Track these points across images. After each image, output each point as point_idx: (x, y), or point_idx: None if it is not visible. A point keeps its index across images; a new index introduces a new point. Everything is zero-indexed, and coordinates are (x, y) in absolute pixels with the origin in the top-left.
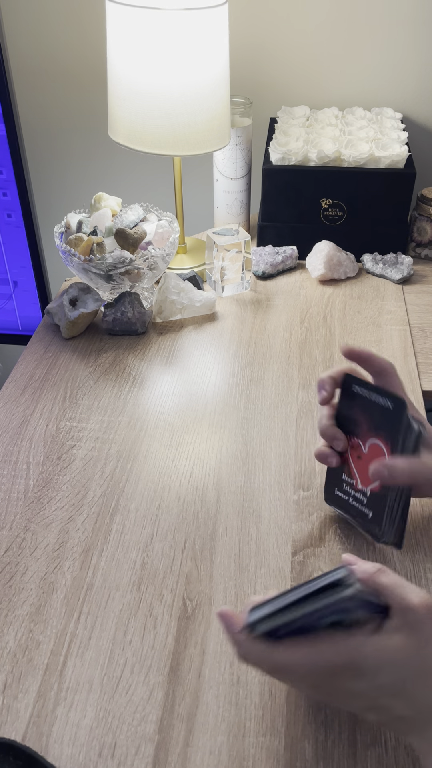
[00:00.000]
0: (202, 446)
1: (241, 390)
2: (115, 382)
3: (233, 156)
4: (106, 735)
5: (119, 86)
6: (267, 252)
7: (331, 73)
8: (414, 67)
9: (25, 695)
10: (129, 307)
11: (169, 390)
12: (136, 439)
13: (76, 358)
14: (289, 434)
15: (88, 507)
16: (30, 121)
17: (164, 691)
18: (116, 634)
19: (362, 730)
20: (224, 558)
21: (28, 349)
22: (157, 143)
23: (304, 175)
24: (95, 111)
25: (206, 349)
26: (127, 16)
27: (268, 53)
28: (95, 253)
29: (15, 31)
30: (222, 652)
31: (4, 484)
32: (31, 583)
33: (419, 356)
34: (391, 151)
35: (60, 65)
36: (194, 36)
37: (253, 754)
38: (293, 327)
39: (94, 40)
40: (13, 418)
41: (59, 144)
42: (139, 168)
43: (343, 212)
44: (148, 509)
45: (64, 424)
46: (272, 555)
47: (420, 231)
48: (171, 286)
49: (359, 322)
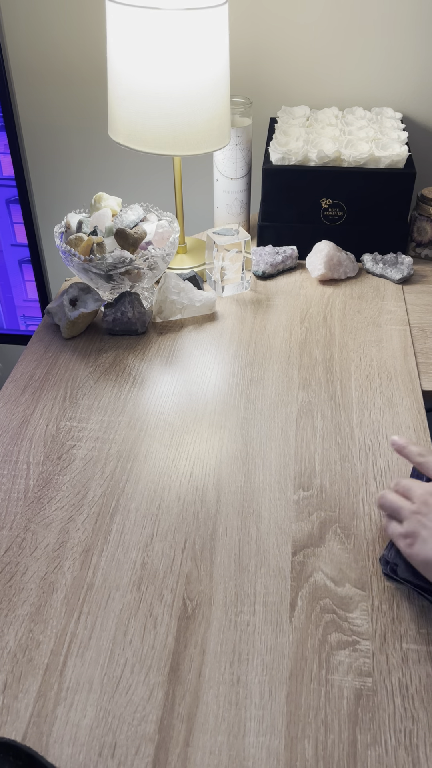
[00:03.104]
0: (202, 446)
1: (241, 390)
2: (115, 382)
3: (233, 156)
4: (106, 735)
5: (119, 86)
6: (267, 252)
7: (331, 73)
8: (414, 67)
9: (25, 695)
10: (129, 307)
11: (169, 390)
12: (136, 439)
13: (76, 358)
14: (289, 434)
15: (88, 507)
16: (30, 121)
17: (164, 691)
18: (116, 634)
19: (362, 730)
20: (224, 558)
21: (28, 349)
22: (157, 143)
23: (304, 175)
24: (95, 111)
25: (206, 349)
26: (127, 16)
27: (268, 53)
28: (95, 253)
29: (15, 31)
30: (222, 652)
31: (4, 484)
32: (31, 583)
33: (419, 356)
34: (391, 151)
35: (60, 65)
36: (194, 36)
37: (253, 754)
38: (293, 327)
39: (94, 40)
40: (13, 418)
41: (59, 144)
42: (139, 168)
43: (343, 212)
44: (148, 509)
45: (64, 424)
46: (272, 555)
47: (420, 231)
48: (171, 286)
49: (359, 322)
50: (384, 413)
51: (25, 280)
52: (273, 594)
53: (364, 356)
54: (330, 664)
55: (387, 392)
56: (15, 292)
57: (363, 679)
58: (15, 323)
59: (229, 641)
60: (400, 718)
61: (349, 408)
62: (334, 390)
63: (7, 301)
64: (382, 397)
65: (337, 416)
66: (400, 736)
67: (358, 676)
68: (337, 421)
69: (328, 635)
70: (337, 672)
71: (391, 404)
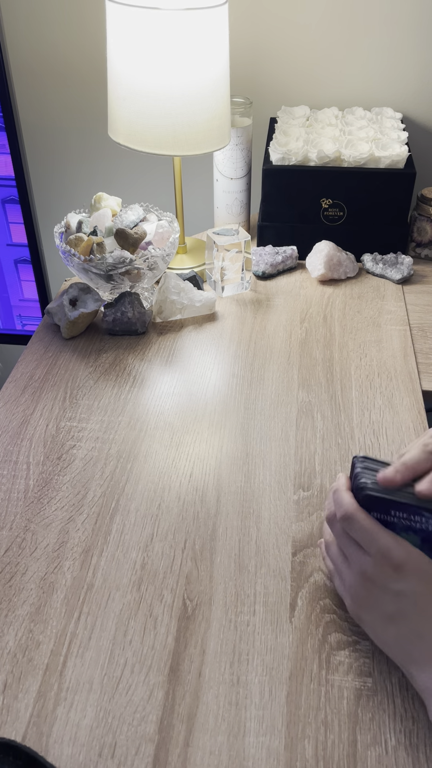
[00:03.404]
0: (202, 446)
1: (241, 390)
2: (115, 382)
3: (233, 156)
4: (106, 735)
5: (119, 86)
6: (267, 252)
7: (331, 73)
8: (414, 67)
9: (25, 695)
10: (129, 307)
11: (169, 390)
12: (136, 439)
13: (76, 358)
14: (289, 434)
15: (88, 507)
16: (30, 121)
17: (164, 691)
18: (116, 634)
19: (362, 730)
20: (224, 558)
21: (28, 349)
22: (157, 143)
23: (304, 175)
24: (95, 111)
25: (206, 349)
26: (127, 16)
27: (268, 53)
28: (95, 253)
29: (15, 31)
30: (222, 652)
31: (4, 484)
32: (31, 583)
33: (419, 356)
34: (391, 151)
35: (60, 65)
36: (194, 36)
37: (253, 754)
38: (293, 327)
39: (94, 40)
40: (13, 418)
41: (59, 144)
42: (139, 168)
43: (343, 212)
44: (148, 509)
45: (64, 424)
46: (272, 555)
47: (420, 231)
48: (171, 286)
49: (359, 322)
50: (384, 413)
51: (21, 279)
52: (273, 594)
53: (364, 356)
54: (330, 664)
55: (387, 392)
56: (11, 291)
57: (363, 679)
58: (11, 323)
59: (229, 641)
60: (400, 718)
61: (349, 408)
62: (334, 390)
63: (3, 301)
64: (382, 397)
65: (337, 416)
66: (400, 736)
67: (358, 676)
68: (337, 421)
69: (328, 635)
70: (337, 672)
71: (391, 404)
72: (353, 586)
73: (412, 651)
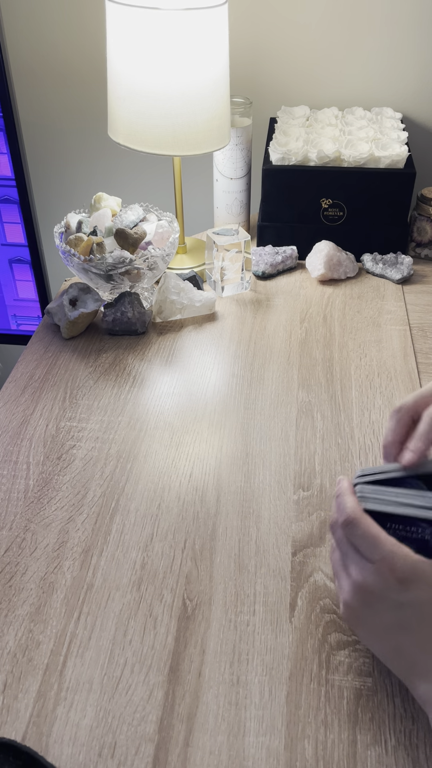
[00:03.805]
0: (202, 446)
1: (241, 390)
2: (115, 382)
3: (233, 156)
4: (106, 735)
5: (119, 86)
6: (267, 252)
7: (331, 73)
8: (414, 67)
9: (25, 695)
10: (129, 307)
11: (169, 390)
12: (136, 439)
13: (76, 358)
14: (289, 434)
15: (88, 507)
16: (30, 121)
17: (164, 691)
18: (116, 634)
19: (362, 730)
20: (224, 558)
21: (28, 349)
22: (157, 143)
23: (304, 175)
24: (95, 111)
25: (206, 349)
26: (127, 16)
27: (268, 53)
28: (95, 253)
29: (15, 31)
30: (222, 652)
31: (4, 484)
32: (31, 583)
33: (419, 356)
34: (391, 151)
35: (60, 65)
36: (194, 36)
37: (253, 754)
38: (293, 327)
39: (94, 40)
40: (13, 418)
41: (59, 144)
42: (139, 168)
43: (343, 212)
44: (148, 509)
45: (64, 424)
46: (272, 555)
47: (420, 231)
48: (171, 286)
49: (359, 322)
50: (384, 413)
51: (15, 279)
52: (273, 594)
53: (364, 356)
54: (330, 664)
55: (387, 392)
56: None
57: (363, 679)
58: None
59: (229, 641)
60: (400, 718)
61: (349, 408)
62: (334, 390)
63: None
64: (382, 397)
65: (337, 416)
66: (400, 736)
67: (358, 676)
68: (337, 421)
69: (328, 635)
70: (337, 672)
71: (391, 404)
72: (351, 594)
73: (416, 662)
